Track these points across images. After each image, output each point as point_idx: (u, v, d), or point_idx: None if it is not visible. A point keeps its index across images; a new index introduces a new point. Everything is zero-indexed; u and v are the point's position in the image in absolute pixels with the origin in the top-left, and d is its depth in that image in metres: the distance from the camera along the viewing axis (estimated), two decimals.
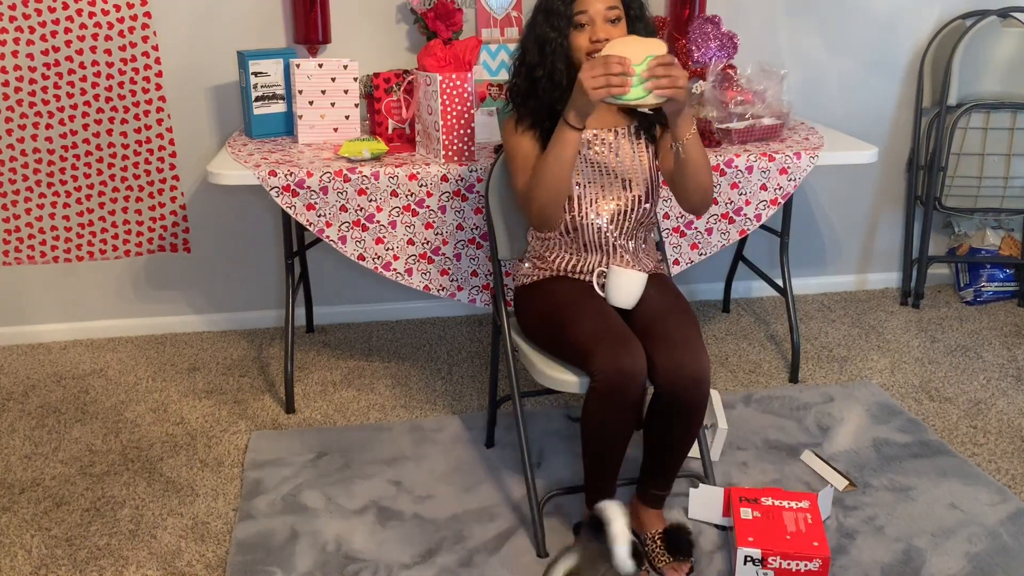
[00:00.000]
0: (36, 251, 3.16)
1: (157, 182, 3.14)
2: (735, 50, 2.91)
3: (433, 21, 2.85)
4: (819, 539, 2.05)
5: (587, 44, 2.04)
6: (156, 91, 3.03)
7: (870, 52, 3.40)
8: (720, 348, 3.20)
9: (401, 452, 2.56)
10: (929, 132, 3.42)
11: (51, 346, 3.24)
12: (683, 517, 2.25)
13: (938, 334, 3.31)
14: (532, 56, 2.09)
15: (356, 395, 2.89)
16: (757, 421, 2.71)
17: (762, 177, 2.68)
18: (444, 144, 2.52)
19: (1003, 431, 2.67)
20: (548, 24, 2.05)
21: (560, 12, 2.03)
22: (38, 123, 3.01)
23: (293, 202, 2.51)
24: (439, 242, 2.61)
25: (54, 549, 2.18)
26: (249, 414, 2.78)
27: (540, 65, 2.08)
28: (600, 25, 2.03)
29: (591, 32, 2.03)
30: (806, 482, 2.42)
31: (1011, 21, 3.30)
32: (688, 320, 2.05)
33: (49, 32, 2.91)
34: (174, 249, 3.24)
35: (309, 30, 2.91)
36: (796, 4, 3.29)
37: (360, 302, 3.41)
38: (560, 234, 2.18)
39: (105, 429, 2.70)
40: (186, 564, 2.13)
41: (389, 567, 2.10)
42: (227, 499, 2.37)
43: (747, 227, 2.74)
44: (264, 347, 3.22)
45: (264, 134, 2.84)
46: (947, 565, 2.10)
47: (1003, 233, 3.60)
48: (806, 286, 3.66)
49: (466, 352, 3.17)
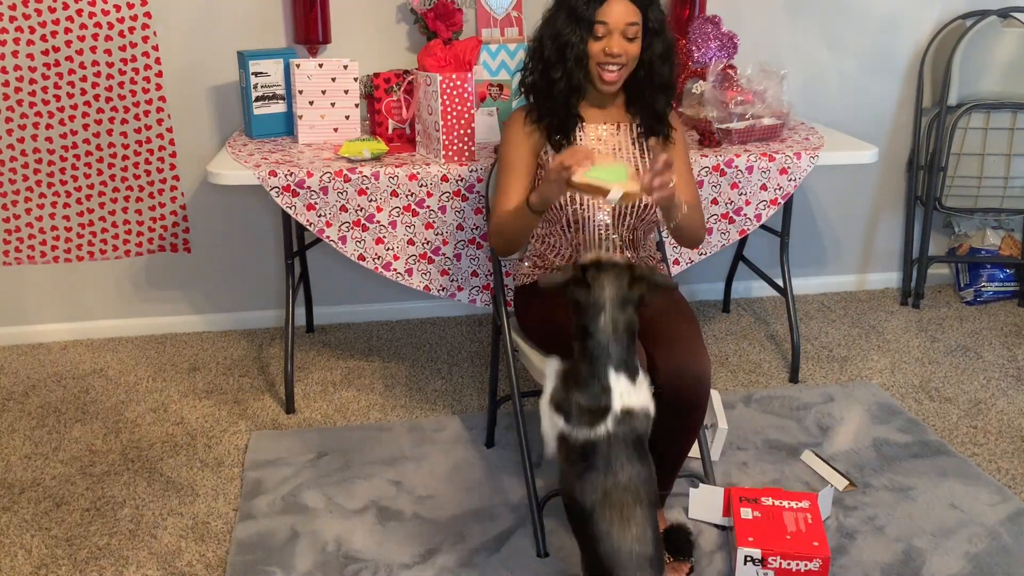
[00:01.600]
0: (36, 251, 3.16)
1: (157, 182, 3.14)
2: (735, 50, 2.91)
3: (433, 21, 2.85)
4: (819, 539, 2.05)
5: (600, 55, 2.05)
6: (156, 91, 3.03)
7: (870, 52, 3.40)
8: (720, 348, 3.20)
9: (401, 452, 2.55)
10: (929, 132, 3.42)
11: (51, 346, 3.24)
12: (683, 517, 2.25)
13: (938, 334, 3.31)
14: (550, 53, 2.08)
15: (356, 395, 2.89)
16: (757, 421, 2.71)
17: (762, 177, 2.68)
18: (444, 144, 2.52)
19: (1003, 431, 2.67)
20: (570, 26, 2.04)
21: (583, 17, 2.02)
22: (38, 123, 3.01)
23: (293, 202, 2.51)
24: (439, 242, 2.61)
25: (54, 549, 2.18)
26: (249, 414, 2.78)
27: (558, 66, 2.08)
28: (616, 39, 2.03)
29: (607, 44, 2.04)
30: (806, 482, 2.42)
31: (1011, 21, 3.29)
32: (688, 320, 2.06)
33: (49, 32, 2.91)
34: (174, 249, 3.24)
35: (309, 30, 2.91)
36: (796, 4, 3.29)
37: (360, 302, 3.41)
38: (561, 233, 2.18)
39: (105, 429, 2.70)
40: (186, 564, 2.13)
41: (389, 567, 2.10)
42: (227, 499, 2.37)
43: (747, 227, 2.74)
44: (264, 347, 3.22)
45: (264, 134, 2.84)
46: (947, 565, 2.10)
47: (1003, 233, 3.59)
48: (806, 286, 3.65)
49: (466, 352, 3.17)
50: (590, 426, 1.68)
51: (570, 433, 1.71)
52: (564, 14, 2.06)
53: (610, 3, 2.01)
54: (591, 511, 1.67)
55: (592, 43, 2.05)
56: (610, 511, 1.65)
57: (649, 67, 2.10)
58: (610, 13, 2.02)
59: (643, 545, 1.65)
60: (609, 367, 1.69)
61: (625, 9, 2.02)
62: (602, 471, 1.67)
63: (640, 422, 1.71)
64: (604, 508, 1.66)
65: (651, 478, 1.72)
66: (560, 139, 2.13)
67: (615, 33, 2.03)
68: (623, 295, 1.72)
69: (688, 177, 2.26)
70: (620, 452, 1.68)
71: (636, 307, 1.74)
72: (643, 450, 1.72)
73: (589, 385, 1.70)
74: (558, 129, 2.13)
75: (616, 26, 2.02)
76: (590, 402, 1.69)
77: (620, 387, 1.69)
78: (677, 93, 2.85)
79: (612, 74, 2.07)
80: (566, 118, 2.12)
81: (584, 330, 1.72)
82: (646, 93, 2.14)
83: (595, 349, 1.70)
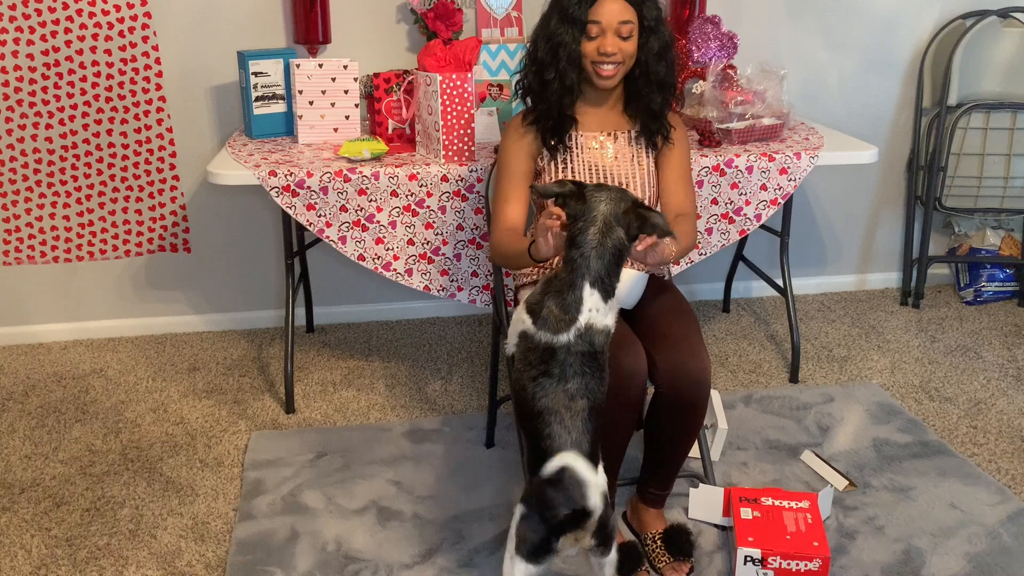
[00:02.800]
0: (36, 251, 3.16)
1: (157, 182, 3.14)
2: (735, 50, 2.91)
3: (433, 21, 2.85)
4: (819, 539, 2.05)
5: (594, 54, 2.04)
6: (156, 91, 3.03)
7: (870, 52, 3.40)
8: (720, 348, 3.20)
9: (401, 452, 2.55)
10: (929, 132, 3.42)
11: (51, 346, 3.24)
12: (683, 517, 2.25)
13: (938, 334, 3.31)
14: (544, 54, 2.08)
15: (356, 395, 2.89)
16: (757, 421, 2.71)
17: (762, 177, 2.68)
18: (444, 144, 2.52)
19: (1003, 431, 2.67)
20: (562, 27, 2.03)
21: (576, 18, 2.01)
22: (38, 123, 3.01)
23: (293, 202, 2.51)
24: (439, 242, 2.61)
25: (54, 549, 2.18)
26: (249, 414, 2.78)
27: (551, 66, 2.07)
28: (610, 38, 2.02)
29: (600, 43, 2.03)
30: (806, 482, 2.42)
31: (1011, 21, 3.29)
32: (688, 320, 2.06)
33: (49, 32, 2.91)
34: (174, 249, 3.24)
35: (309, 30, 2.91)
36: (796, 4, 3.29)
37: (360, 302, 3.41)
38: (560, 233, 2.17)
39: (105, 429, 2.70)
40: (186, 564, 2.13)
41: (389, 567, 2.10)
42: (227, 499, 2.37)
43: (747, 227, 2.74)
44: (264, 347, 3.22)
45: (264, 134, 2.84)
46: (947, 565, 2.10)
47: (1003, 233, 3.60)
48: (806, 286, 3.65)
49: (466, 352, 3.17)
50: (554, 332, 1.71)
51: (534, 335, 1.73)
52: (557, 17, 2.04)
53: (602, 2, 2.00)
54: (539, 413, 1.71)
55: (586, 43, 2.04)
56: (556, 416, 1.69)
57: (645, 65, 2.09)
58: (603, 12, 2.00)
59: (581, 446, 1.69)
60: (586, 280, 1.72)
61: (618, 7, 2.01)
62: (556, 378, 1.70)
63: (599, 337, 1.73)
64: (551, 413, 1.69)
65: (600, 388, 1.74)
66: (556, 143, 2.12)
67: (609, 32, 2.02)
68: (616, 216, 1.74)
69: (686, 181, 2.25)
70: (576, 362, 1.71)
71: (628, 235, 1.76)
72: (596, 364, 1.74)
73: (563, 294, 1.73)
74: (553, 131, 2.12)
75: (609, 25, 2.01)
76: (559, 310, 1.72)
77: (591, 302, 1.72)
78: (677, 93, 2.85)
79: (608, 70, 2.06)
80: (561, 120, 2.11)
81: (572, 240, 1.75)
82: (643, 91, 2.13)
83: (578, 259, 1.73)
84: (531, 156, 2.15)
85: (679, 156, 2.21)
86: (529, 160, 2.15)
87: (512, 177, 2.14)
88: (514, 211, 2.12)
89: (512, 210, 2.12)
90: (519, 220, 2.13)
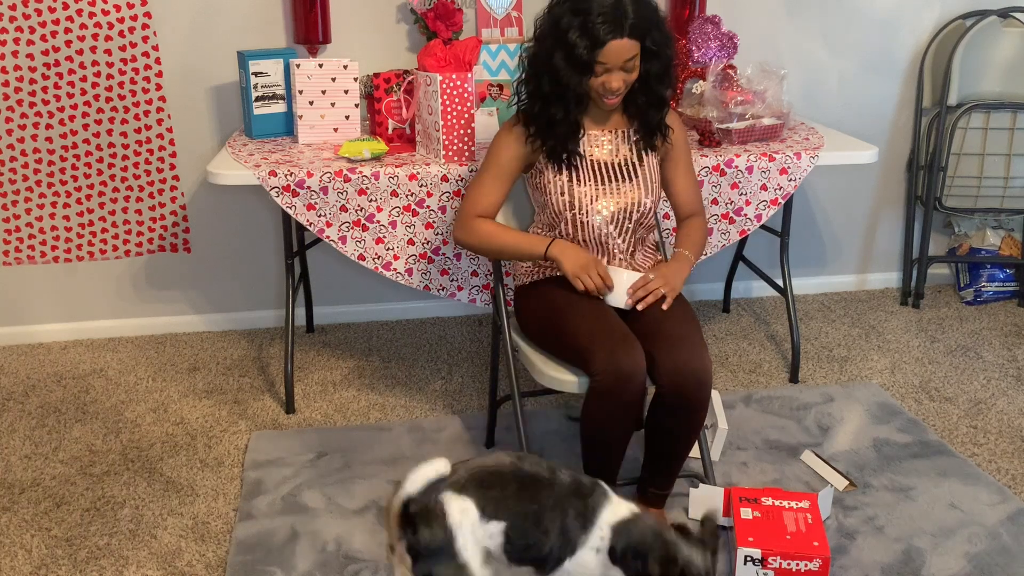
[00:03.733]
0: (36, 251, 3.16)
1: (157, 182, 3.14)
2: (735, 50, 2.91)
3: (433, 21, 2.85)
4: (819, 539, 2.05)
5: (600, 88, 2.05)
6: (156, 91, 3.03)
7: (870, 52, 3.40)
8: (720, 348, 3.20)
9: (401, 452, 2.55)
10: (929, 132, 3.42)
11: (51, 346, 3.24)
12: (683, 517, 2.25)
13: (938, 334, 3.31)
14: (548, 90, 2.06)
15: (356, 395, 2.89)
16: (757, 421, 2.71)
17: (762, 177, 2.68)
18: (444, 144, 2.52)
19: (1003, 431, 2.67)
20: (568, 66, 2.01)
21: (583, 60, 1.99)
22: (38, 123, 3.01)
23: (293, 202, 2.51)
24: (439, 242, 2.61)
25: (54, 549, 2.18)
26: (249, 414, 2.78)
27: (559, 105, 2.07)
28: (616, 74, 2.03)
29: (606, 79, 2.03)
30: (806, 482, 2.42)
31: (1011, 21, 3.29)
32: (689, 320, 2.06)
33: (49, 32, 2.91)
34: (174, 249, 3.24)
35: (309, 30, 2.91)
36: (796, 4, 3.29)
37: (360, 302, 3.41)
38: (560, 233, 2.18)
39: (105, 429, 2.70)
40: (186, 564, 2.13)
41: (389, 567, 2.10)
42: (227, 499, 2.37)
43: (747, 227, 2.74)
44: (264, 347, 3.22)
45: (264, 134, 2.84)
46: (947, 565, 2.10)
47: (1003, 233, 3.60)
48: (806, 286, 3.65)
49: (466, 352, 3.17)
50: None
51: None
52: (562, 56, 2.01)
53: (609, 45, 1.97)
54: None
55: (591, 79, 2.04)
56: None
57: (645, 84, 2.10)
58: (610, 55, 1.99)
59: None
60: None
61: (624, 46, 1.99)
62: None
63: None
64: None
65: None
66: (566, 158, 2.13)
67: (614, 70, 2.02)
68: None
69: (693, 181, 2.27)
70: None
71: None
72: None
73: None
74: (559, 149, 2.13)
75: (615, 64, 2.01)
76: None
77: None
78: (677, 93, 2.85)
79: (613, 100, 2.08)
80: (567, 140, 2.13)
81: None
82: (640, 102, 2.14)
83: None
84: (524, 161, 2.19)
85: (683, 157, 2.24)
86: (519, 163, 2.18)
87: (500, 171, 2.18)
88: (491, 201, 2.18)
89: (489, 200, 2.18)
90: (493, 210, 2.19)
